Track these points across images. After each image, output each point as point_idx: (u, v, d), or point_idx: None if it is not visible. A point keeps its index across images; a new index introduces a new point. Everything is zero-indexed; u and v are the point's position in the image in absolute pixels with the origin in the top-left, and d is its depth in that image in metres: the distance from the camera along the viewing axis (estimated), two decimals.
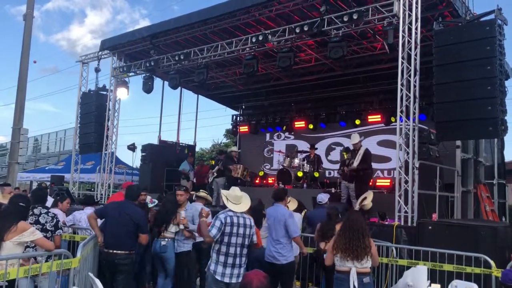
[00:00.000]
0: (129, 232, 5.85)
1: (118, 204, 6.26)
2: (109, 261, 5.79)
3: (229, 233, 4.86)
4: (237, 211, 5.02)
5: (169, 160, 16.00)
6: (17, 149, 13.34)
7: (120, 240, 5.78)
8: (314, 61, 13.82)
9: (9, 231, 4.43)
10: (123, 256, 5.77)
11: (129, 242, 5.88)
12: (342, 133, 15.49)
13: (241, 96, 18.05)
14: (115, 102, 14.98)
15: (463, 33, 8.23)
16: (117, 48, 14.63)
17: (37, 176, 22.19)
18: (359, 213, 5.38)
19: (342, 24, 9.87)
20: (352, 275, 4.84)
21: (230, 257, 4.87)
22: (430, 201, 8.72)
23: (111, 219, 5.90)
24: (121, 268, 5.79)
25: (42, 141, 32.93)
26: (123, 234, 5.80)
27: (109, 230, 5.84)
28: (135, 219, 5.90)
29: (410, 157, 8.58)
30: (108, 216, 5.95)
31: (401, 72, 8.93)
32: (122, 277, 5.82)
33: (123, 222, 5.84)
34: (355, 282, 4.81)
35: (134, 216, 5.92)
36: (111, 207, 6.20)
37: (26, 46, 13.71)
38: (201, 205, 6.94)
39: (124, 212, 5.92)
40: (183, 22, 12.57)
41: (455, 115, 8.12)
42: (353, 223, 5.02)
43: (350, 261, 4.89)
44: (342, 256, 4.93)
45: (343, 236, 5.00)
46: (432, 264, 6.21)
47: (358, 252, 4.85)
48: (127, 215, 5.89)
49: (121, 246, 5.78)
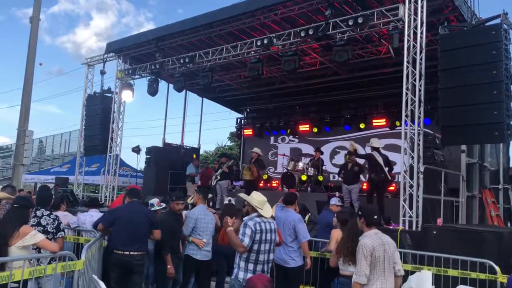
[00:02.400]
0: (143, 232, 5.98)
1: (128, 205, 6.35)
2: (124, 262, 5.82)
3: (259, 240, 4.72)
4: (267, 217, 4.90)
5: (174, 163, 16.03)
6: (22, 150, 13.38)
7: (136, 241, 5.86)
8: (319, 64, 13.81)
9: (12, 237, 4.44)
10: (139, 257, 5.88)
11: (144, 242, 6.04)
12: (347, 137, 15.46)
13: (246, 99, 18.07)
14: (120, 104, 15.03)
15: (468, 37, 8.21)
16: (123, 51, 14.68)
17: (42, 178, 22.29)
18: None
19: (347, 28, 9.87)
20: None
21: (259, 264, 4.76)
22: (434, 206, 8.68)
23: (124, 221, 5.96)
24: (137, 269, 5.90)
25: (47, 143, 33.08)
26: (139, 235, 5.91)
27: (123, 231, 5.89)
28: (149, 216, 6.12)
29: (415, 161, 8.55)
30: (121, 219, 6.00)
31: (406, 76, 8.91)
32: (137, 277, 5.97)
33: (138, 222, 5.94)
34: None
35: (148, 214, 6.16)
36: (121, 210, 6.26)
37: (32, 48, 13.77)
38: (210, 212, 7.00)
39: (138, 212, 6.06)
40: (188, 25, 12.61)
41: (460, 119, 8.09)
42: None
43: (352, 265, 4.86)
44: (345, 260, 4.91)
45: (346, 240, 4.98)
46: (436, 269, 6.17)
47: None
48: (141, 214, 6.05)
49: (138, 247, 5.87)
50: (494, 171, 12.26)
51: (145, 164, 15.99)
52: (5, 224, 4.59)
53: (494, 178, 12.17)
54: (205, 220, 6.70)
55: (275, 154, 17.14)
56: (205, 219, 6.71)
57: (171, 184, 15.44)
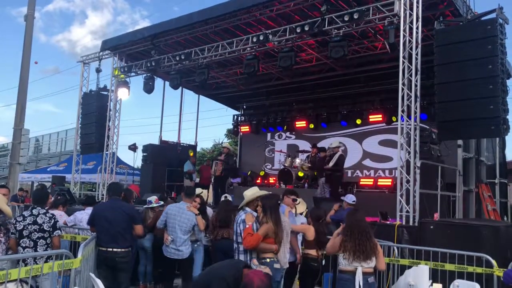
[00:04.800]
0: (123, 228, 5.93)
1: (108, 202, 6.39)
2: (108, 258, 5.82)
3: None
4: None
5: (170, 160, 16.01)
6: (18, 149, 13.35)
7: (117, 237, 5.84)
8: (315, 60, 13.81)
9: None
10: (122, 253, 5.85)
11: (127, 238, 5.97)
12: (344, 133, 15.49)
13: (242, 96, 18.04)
14: (116, 102, 14.98)
15: (464, 32, 8.22)
16: (118, 49, 14.63)
17: (38, 177, 22.23)
18: (362, 212, 5.32)
19: (343, 24, 9.85)
20: (358, 275, 4.79)
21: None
22: (431, 201, 8.71)
23: (102, 218, 5.95)
24: (121, 266, 5.87)
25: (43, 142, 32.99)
26: (120, 231, 5.87)
27: (103, 229, 5.89)
28: (129, 212, 6.06)
29: (412, 156, 8.56)
30: (100, 217, 5.99)
31: (402, 71, 8.91)
32: (124, 275, 5.95)
33: (117, 218, 5.92)
34: (360, 282, 4.77)
35: (126, 210, 6.09)
36: (100, 209, 6.25)
37: (27, 47, 13.72)
38: (190, 211, 6.74)
39: (116, 209, 6.03)
40: (184, 22, 12.56)
41: (456, 114, 8.11)
42: (359, 223, 5.00)
43: (357, 261, 4.86)
44: (350, 257, 4.88)
45: (351, 237, 4.95)
46: (433, 263, 6.19)
47: (368, 253, 4.83)
48: (119, 210, 6.01)
49: (120, 243, 5.84)
50: (490, 166, 12.31)
51: (142, 161, 15.97)
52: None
53: (491, 172, 12.22)
54: (176, 217, 6.54)
55: (272, 151, 17.14)
56: (176, 216, 6.54)
57: (168, 181, 15.42)
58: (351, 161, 15.26)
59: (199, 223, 6.59)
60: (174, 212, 6.57)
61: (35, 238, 5.14)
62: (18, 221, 5.21)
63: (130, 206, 6.56)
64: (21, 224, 5.17)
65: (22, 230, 5.14)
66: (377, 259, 4.91)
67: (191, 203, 6.80)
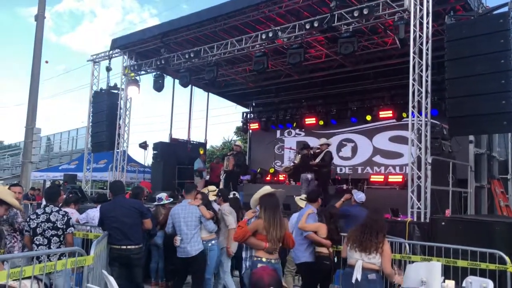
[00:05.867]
0: (134, 223, 6.00)
1: (114, 201, 6.40)
2: (122, 256, 5.89)
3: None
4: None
5: (181, 158, 16.07)
6: (31, 148, 13.50)
7: (128, 234, 5.90)
8: (325, 57, 13.75)
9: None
10: (136, 250, 5.94)
11: (138, 235, 6.05)
12: (354, 129, 15.43)
13: (251, 93, 18.04)
14: (127, 100, 15.05)
15: (475, 26, 8.13)
16: (128, 47, 14.68)
17: (50, 175, 22.41)
18: (379, 213, 5.28)
19: (353, 20, 9.80)
20: (357, 268, 4.73)
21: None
22: (443, 197, 8.65)
23: (111, 217, 6.01)
24: (135, 262, 5.97)
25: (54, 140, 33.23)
26: (130, 227, 5.94)
27: (114, 227, 5.95)
28: (138, 207, 6.18)
29: (423, 152, 8.51)
30: (109, 216, 6.05)
31: (412, 67, 8.86)
32: (138, 270, 6.06)
33: (126, 214, 5.98)
34: (358, 275, 4.68)
35: (135, 205, 6.21)
36: (107, 209, 6.28)
37: (38, 46, 13.84)
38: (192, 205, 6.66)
39: (125, 206, 6.11)
40: (193, 20, 12.57)
41: (468, 109, 8.04)
42: (368, 219, 4.98)
43: (358, 252, 4.82)
44: (351, 246, 4.88)
45: (357, 229, 4.97)
46: (446, 260, 6.15)
47: (367, 245, 4.77)
48: (129, 206, 6.10)
49: (132, 239, 5.92)
50: (503, 161, 12.19)
51: (153, 159, 16.03)
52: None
53: (503, 168, 12.10)
54: (180, 214, 6.47)
55: (282, 148, 17.13)
56: (180, 214, 6.48)
57: (179, 179, 15.47)
58: (361, 158, 15.22)
59: (203, 212, 6.44)
60: (178, 211, 6.54)
61: (48, 235, 5.21)
62: (32, 219, 5.28)
63: (137, 201, 6.64)
64: (35, 222, 5.24)
65: (36, 228, 5.21)
66: (382, 258, 4.80)
67: (192, 199, 6.78)
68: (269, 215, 4.82)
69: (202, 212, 6.45)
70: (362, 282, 4.69)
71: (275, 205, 5.03)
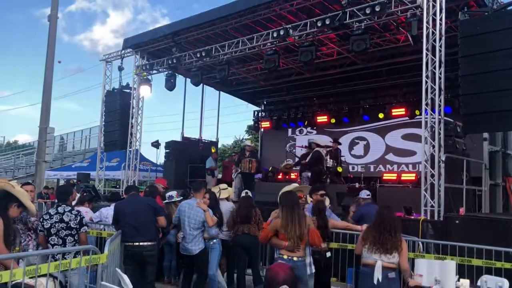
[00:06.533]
0: (148, 220, 6.04)
1: (128, 198, 6.50)
2: (135, 253, 5.92)
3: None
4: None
5: (192, 157, 16.14)
6: (44, 147, 13.60)
7: (142, 231, 5.93)
8: (336, 54, 13.68)
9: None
10: (149, 247, 5.96)
11: (152, 232, 6.08)
12: (366, 127, 15.36)
13: (263, 91, 18.03)
14: (139, 99, 15.14)
15: (490, 22, 8.04)
16: (140, 46, 14.76)
17: (64, 174, 22.61)
18: (391, 209, 5.25)
19: (365, 17, 9.74)
20: (377, 268, 4.74)
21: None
22: (456, 195, 8.57)
23: (127, 214, 6.04)
24: (149, 259, 5.99)
25: (67, 140, 33.49)
26: (144, 224, 5.96)
27: (128, 224, 5.98)
28: (151, 204, 6.24)
29: (436, 150, 8.44)
30: (124, 213, 6.09)
31: (425, 64, 8.78)
32: (151, 268, 6.07)
33: (141, 211, 6.02)
34: (379, 275, 4.71)
35: (149, 202, 6.29)
36: (121, 206, 6.33)
37: (51, 46, 13.93)
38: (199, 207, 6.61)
39: (138, 202, 6.18)
40: (204, 19, 12.61)
41: (482, 107, 7.95)
42: (383, 218, 4.95)
43: (377, 254, 4.81)
44: (370, 247, 4.85)
45: (374, 229, 4.94)
46: (460, 259, 6.08)
47: (388, 246, 4.77)
48: (142, 203, 6.16)
49: (146, 236, 5.95)
50: None
51: (165, 158, 16.12)
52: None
53: None
54: (186, 213, 6.51)
55: (293, 146, 17.09)
56: (186, 213, 6.51)
57: (191, 177, 15.53)
58: (374, 156, 15.14)
59: (207, 219, 6.45)
60: (185, 209, 6.58)
61: (63, 235, 5.25)
62: (45, 219, 5.31)
63: (151, 199, 6.69)
64: (48, 222, 5.27)
65: (50, 228, 5.25)
66: (400, 257, 4.82)
67: (201, 198, 6.78)
68: (286, 213, 4.87)
69: (207, 219, 6.47)
70: (383, 281, 4.71)
71: (293, 203, 5.05)
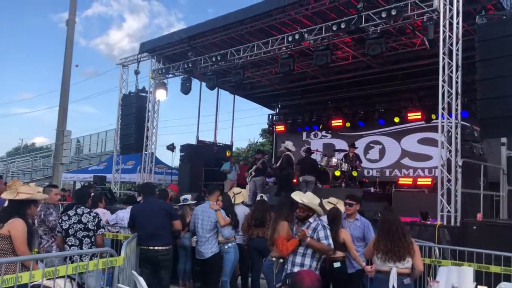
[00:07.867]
0: (163, 225, 6.04)
1: (144, 202, 6.53)
2: (150, 257, 5.95)
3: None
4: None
5: (207, 160, 16.19)
6: (61, 150, 13.75)
7: (157, 235, 5.95)
8: (352, 58, 13.64)
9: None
10: (164, 251, 5.98)
11: (167, 235, 6.10)
12: (381, 131, 15.25)
13: (277, 95, 18.05)
14: (155, 103, 15.28)
15: (508, 25, 7.95)
16: (156, 51, 14.91)
17: (80, 177, 22.90)
18: (394, 212, 5.21)
19: (380, 21, 9.71)
20: (392, 275, 4.71)
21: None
22: (474, 201, 8.45)
23: (142, 218, 6.08)
24: (163, 263, 6.01)
25: (84, 143, 33.89)
26: (159, 229, 5.98)
27: (143, 228, 6.01)
28: (167, 209, 6.23)
29: (453, 155, 8.35)
30: (140, 217, 6.12)
31: (442, 68, 8.71)
32: (166, 272, 6.09)
33: (156, 216, 6.03)
34: (394, 282, 4.68)
35: (165, 207, 6.28)
36: (138, 209, 6.37)
37: (68, 50, 14.10)
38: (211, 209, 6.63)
39: (154, 207, 6.16)
40: (219, 23, 12.70)
41: (500, 111, 7.85)
42: (390, 224, 4.90)
43: (391, 262, 4.79)
44: (383, 257, 4.83)
45: (383, 238, 4.89)
46: (477, 265, 6.00)
47: (401, 253, 4.74)
48: (157, 208, 6.14)
49: (161, 240, 5.97)
50: None
51: (180, 161, 16.19)
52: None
53: None
54: (199, 216, 6.54)
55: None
56: (199, 216, 6.55)
57: (205, 181, 15.57)
58: (389, 160, 15.02)
59: (218, 219, 6.45)
60: (198, 212, 6.63)
61: (80, 236, 5.32)
62: (64, 220, 5.40)
63: (167, 203, 6.77)
64: (67, 223, 5.36)
65: (68, 229, 5.33)
66: (413, 259, 4.77)
67: (214, 201, 6.77)
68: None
69: (218, 218, 6.48)
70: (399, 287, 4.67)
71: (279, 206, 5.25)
